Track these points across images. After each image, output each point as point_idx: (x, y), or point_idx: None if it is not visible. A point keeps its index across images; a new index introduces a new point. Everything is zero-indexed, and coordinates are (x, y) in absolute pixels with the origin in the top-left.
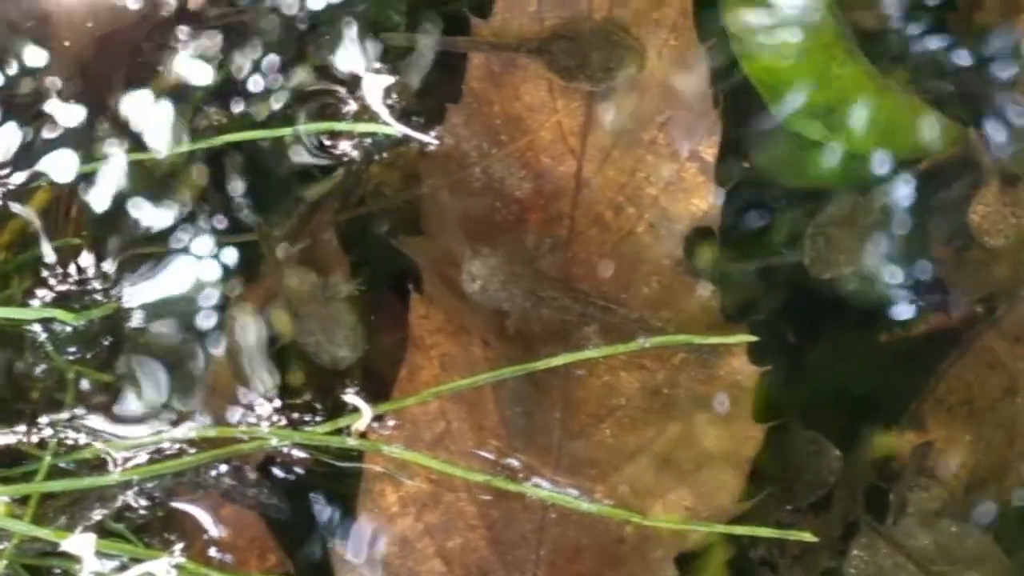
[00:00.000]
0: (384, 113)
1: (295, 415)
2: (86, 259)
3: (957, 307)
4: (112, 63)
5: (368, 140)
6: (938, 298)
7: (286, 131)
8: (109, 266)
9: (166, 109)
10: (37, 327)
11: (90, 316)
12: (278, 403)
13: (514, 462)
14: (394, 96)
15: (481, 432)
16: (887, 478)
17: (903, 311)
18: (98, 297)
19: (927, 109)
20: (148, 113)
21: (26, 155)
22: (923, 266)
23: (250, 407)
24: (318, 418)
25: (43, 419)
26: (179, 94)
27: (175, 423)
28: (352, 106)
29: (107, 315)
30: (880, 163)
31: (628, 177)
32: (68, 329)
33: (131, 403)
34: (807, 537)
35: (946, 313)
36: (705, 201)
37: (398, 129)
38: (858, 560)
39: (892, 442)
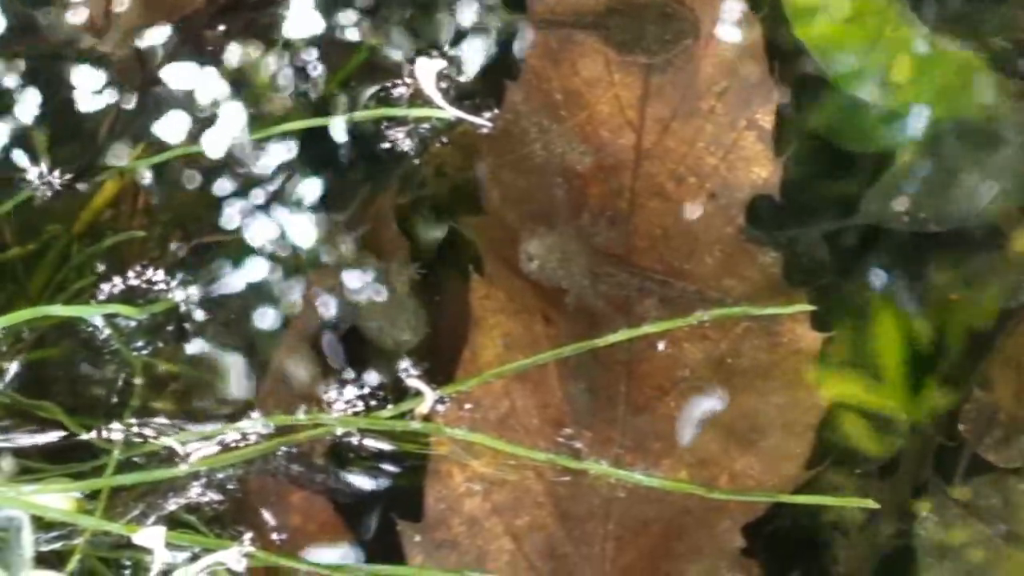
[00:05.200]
0: (437, 97)
1: (359, 399)
2: (153, 250)
3: None
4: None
5: (425, 125)
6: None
7: (342, 119)
8: (176, 257)
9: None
10: (101, 321)
11: (153, 310)
12: (343, 388)
13: (579, 438)
14: (449, 78)
15: (546, 410)
16: (955, 439)
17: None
18: (164, 289)
19: (984, 68)
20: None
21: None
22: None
23: (317, 393)
24: (383, 402)
25: (113, 413)
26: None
27: (242, 413)
28: (409, 89)
29: (173, 307)
30: (936, 124)
31: (688, 147)
32: (133, 323)
33: (199, 394)
34: (870, 504)
35: None
36: (765, 169)
37: (452, 113)
38: (928, 521)
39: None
